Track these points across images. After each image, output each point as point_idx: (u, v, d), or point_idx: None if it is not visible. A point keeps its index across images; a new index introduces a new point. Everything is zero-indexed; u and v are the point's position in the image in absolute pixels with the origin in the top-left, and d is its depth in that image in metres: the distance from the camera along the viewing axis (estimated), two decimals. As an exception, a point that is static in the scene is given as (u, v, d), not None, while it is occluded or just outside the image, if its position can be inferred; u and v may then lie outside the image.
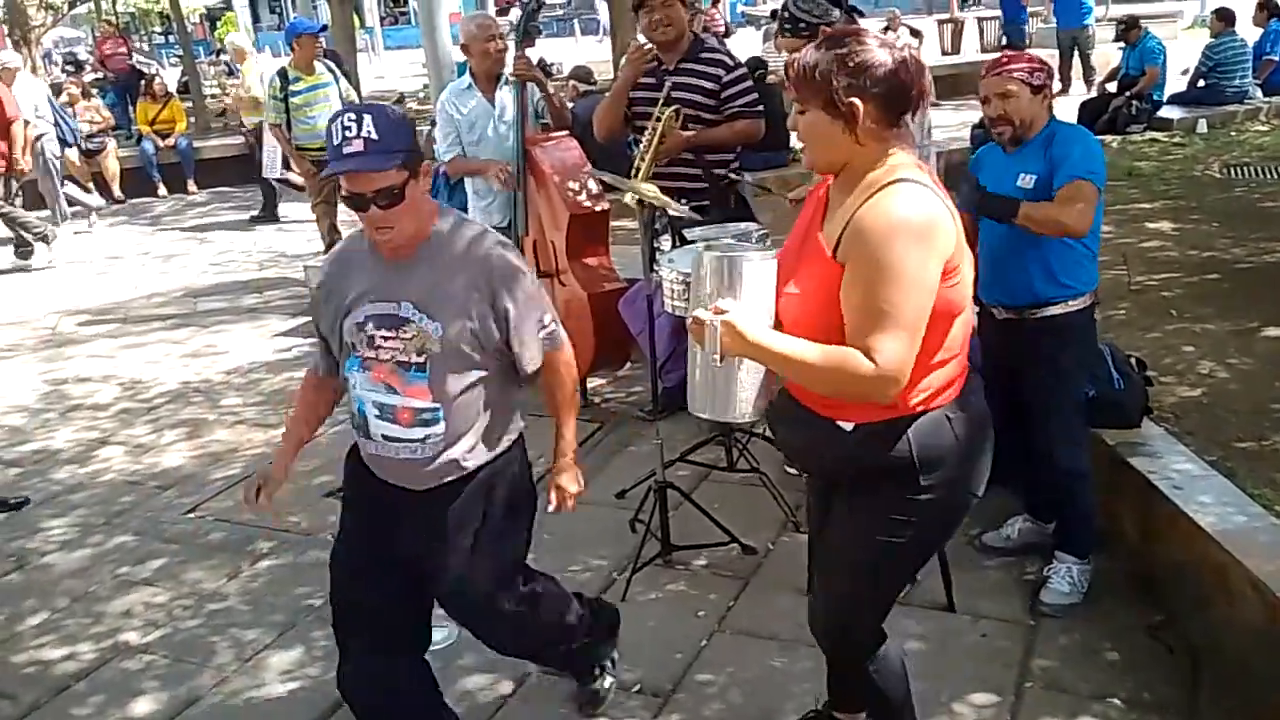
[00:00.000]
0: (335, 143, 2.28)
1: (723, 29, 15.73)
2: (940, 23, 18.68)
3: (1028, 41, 15.64)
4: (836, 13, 3.62)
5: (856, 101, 2.00)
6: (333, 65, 7.18)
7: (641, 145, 4.30)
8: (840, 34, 2.08)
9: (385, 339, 2.41)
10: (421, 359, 2.39)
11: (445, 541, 2.52)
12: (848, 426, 2.16)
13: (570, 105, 5.71)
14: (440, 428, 2.43)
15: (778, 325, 2.12)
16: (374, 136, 2.26)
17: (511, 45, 4.87)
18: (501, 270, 2.45)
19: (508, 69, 4.86)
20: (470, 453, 2.49)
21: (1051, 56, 15.15)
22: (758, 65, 10.64)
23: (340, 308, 2.46)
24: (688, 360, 2.26)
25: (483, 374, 2.46)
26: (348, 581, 2.60)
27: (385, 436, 2.45)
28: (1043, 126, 3.10)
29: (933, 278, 2.00)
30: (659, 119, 4.22)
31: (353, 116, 2.29)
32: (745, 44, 16.71)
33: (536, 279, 2.60)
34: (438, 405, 2.42)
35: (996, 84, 3.07)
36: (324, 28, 6.94)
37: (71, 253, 9.55)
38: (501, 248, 2.49)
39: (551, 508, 2.71)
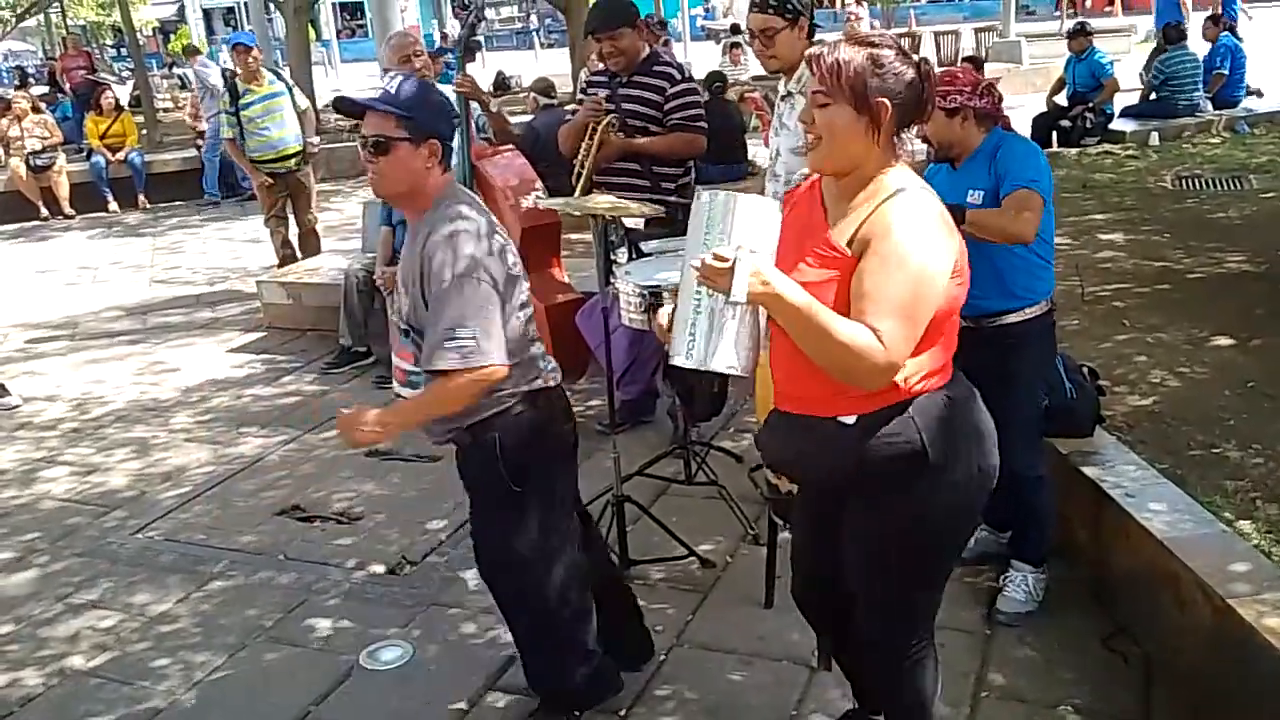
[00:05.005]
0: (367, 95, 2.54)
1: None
2: (898, 37, 18.81)
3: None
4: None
5: (885, 102, 2.04)
6: (284, 75, 7.15)
7: (581, 152, 4.39)
8: (866, 38, 2.10)
9: (395, 302, 2.63)
10: (409, 325, 2.55)
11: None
12: (849, 420, 2.12)
13: (531, 119, 5.71)
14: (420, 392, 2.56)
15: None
16: (393, 92, 2.47)
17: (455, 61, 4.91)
18: (434, 265, 2.42)
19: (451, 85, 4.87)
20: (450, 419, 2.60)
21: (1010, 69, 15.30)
22: (716, 79, 10.73)
23: None
24: (678, 304, 2.10)
25: None
26: None
27: (396, 394, 2.67)
28: (975, 147, 3.15)
29: (945, 277, 2.05)
30: (595, 128, 4.33)
31: (394, 77, 2.54)
32: (706, 58, 16.77)
33: (481, 284, 2.44)
34: (419, 370, 2.53)
35: None
36: (250, 40, 6.98)
37: (21, 267, 9.35)
38: (449, 242, 2.43)
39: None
